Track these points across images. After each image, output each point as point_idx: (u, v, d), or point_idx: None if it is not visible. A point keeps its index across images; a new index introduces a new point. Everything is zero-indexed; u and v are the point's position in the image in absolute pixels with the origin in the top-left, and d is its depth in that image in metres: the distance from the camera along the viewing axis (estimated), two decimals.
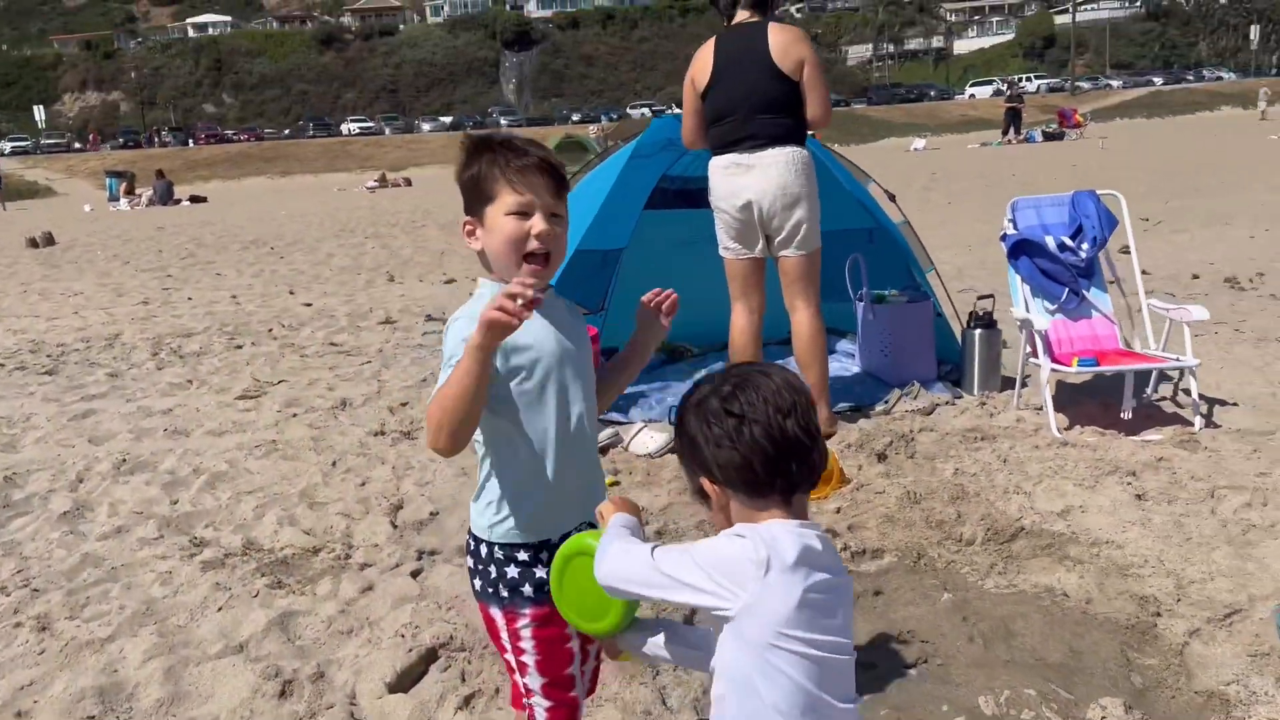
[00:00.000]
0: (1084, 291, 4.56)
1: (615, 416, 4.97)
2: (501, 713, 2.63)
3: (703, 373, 1.46)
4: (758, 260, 4.63)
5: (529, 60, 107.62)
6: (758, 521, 1.46)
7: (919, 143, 36.21)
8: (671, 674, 2.68)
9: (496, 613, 1.93)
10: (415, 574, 3.49)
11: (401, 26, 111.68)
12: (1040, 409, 4.57)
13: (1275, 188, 14.87)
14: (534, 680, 1.91)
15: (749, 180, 4.53)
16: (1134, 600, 2.85)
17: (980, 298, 5.04)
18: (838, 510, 3.69)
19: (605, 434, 4.65)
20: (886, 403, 4.78)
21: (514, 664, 1.94)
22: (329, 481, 4.50)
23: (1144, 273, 4.89)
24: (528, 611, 1.90)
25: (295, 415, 5.64)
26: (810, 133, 4.67)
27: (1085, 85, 76.27)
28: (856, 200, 5.50)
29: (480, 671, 2.79)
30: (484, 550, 1.91)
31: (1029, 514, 3.42)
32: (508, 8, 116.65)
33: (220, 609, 3.30)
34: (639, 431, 4.50)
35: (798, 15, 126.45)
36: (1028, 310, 4.54)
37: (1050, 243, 4.57)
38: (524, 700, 1.95)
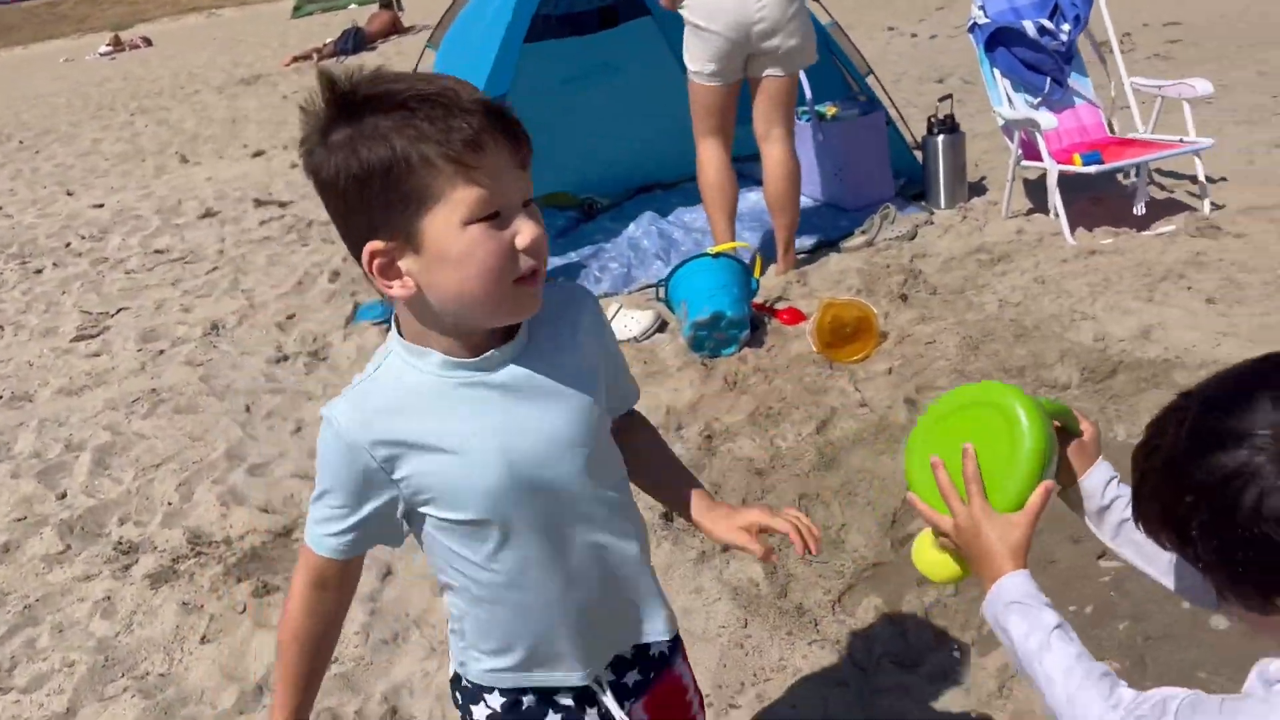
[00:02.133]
0: (1067, 79, 4.19)
1: None
2: None
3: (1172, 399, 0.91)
4: (736, 86, 3.97)
5: None
6: None
7: None
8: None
9: None
10: None
11: None
12: (1029, 214, 4.28)
13: None
14: None
15: None
16: None
17: (941, 99, 4.59)
18: (889, 371, 3.27)
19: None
20: (865, 232, 4.34)
21: None
22: (254, 434, 3.68)
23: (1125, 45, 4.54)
24: None
25: (162, 352, 4.65)
26: None
27: None
28: None
29: None
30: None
31: (1111, 342, 3.12)
32: None
33: (205, 639, 2.57)
34: (616, 313, 3.88)
35: None
36: (1011, 106, 4.14)
37: (1029, 28, 4.14)
38: None
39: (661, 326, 3.90)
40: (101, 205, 8.31)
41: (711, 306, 3.45)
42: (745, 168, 5.67)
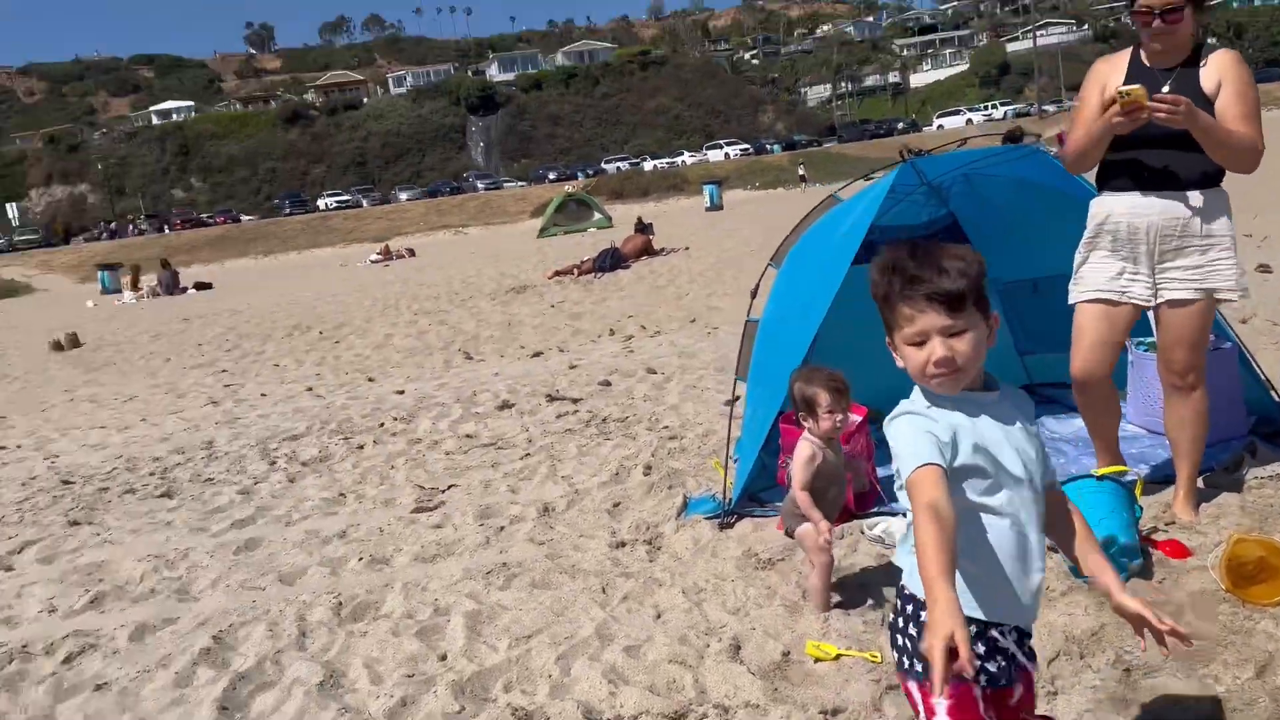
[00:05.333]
0: None
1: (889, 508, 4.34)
2: None
3: None
4: None
5: (495, 123, 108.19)
6: None
7: None
8: None
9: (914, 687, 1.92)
10: None
11: (366, 100, 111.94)
12: None
13: None
14: None
15: None
16: None
17: None
18: None
19: (877, 530, 4.00)
20: (1229, 469, 4.15)
21: None
22: (616, 615, 3.78)
23: None
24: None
25: (502, 529, 4.92)
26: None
27: (1050, 108, 77.49)
28: None
29: None
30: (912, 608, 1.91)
31: None
32: (470, 74, 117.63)
33: None
34: None
35: (754, 60, 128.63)
36: None
37: None
38: None
39: None
40: (403, 392, 9.12)
41: (1102, 531, 3.35)
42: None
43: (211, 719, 3.34)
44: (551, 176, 75.01)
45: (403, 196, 72.88)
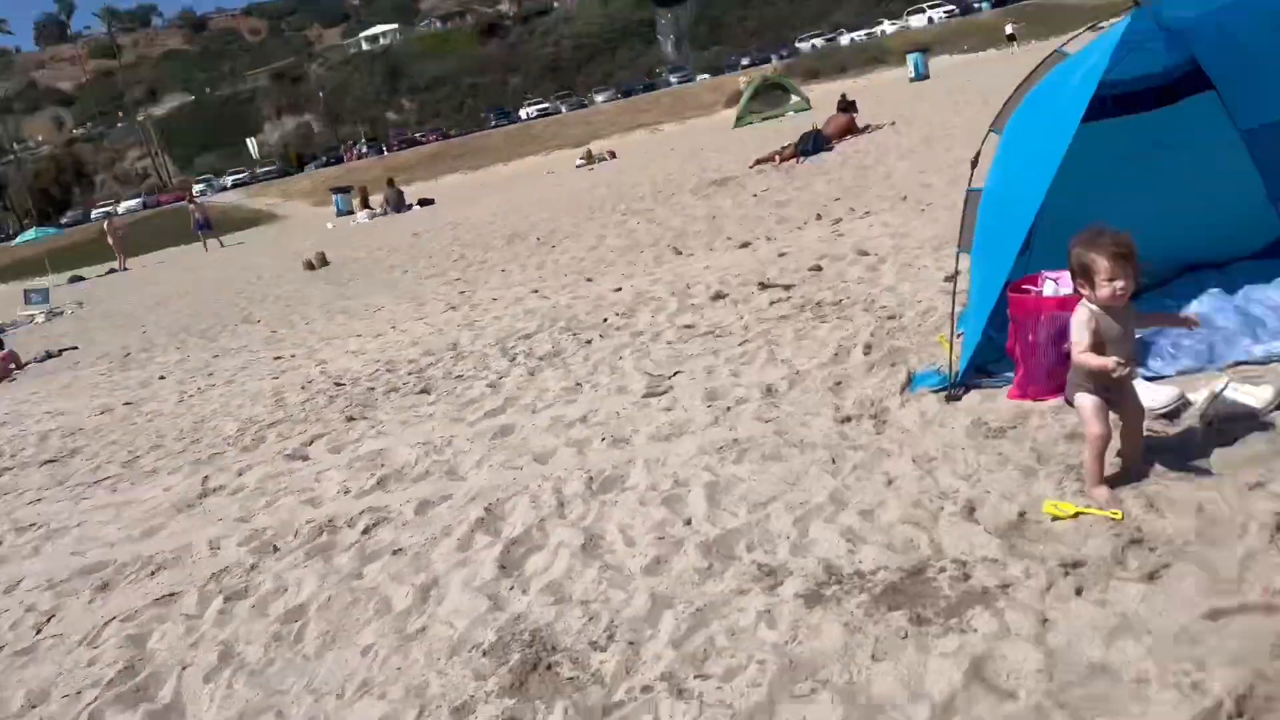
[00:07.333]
0: None
1: (1151, 371, 4.22)
2: None
3: None
4: None
5: (684, 13, 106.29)
6: None
7: None
8: None
9: None
10: (1080, 592, 2.87)
11: (555, 4, 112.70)
12: None
13: None
14: None
15: None
16: None
17: None
18: None
19: (1165, 398, 3.88)
20: None
21: None
22: (848, 483, 3.96)
23: None
24: None
25: (729, 409, 5.17)
26: None
27: None
28: None
29: None
30: None
31: None
32: None
33: (875, 657, 2.80)
34: (1224, 387, 3.70)
35: None
36: None
37: None
38: None
39: None
40: (620, 289, 9.49)
41: None
42: None
43: (493, 576, 3.83)
44: (744, 63, 73.26)
45: (599, 99, 73.60)
